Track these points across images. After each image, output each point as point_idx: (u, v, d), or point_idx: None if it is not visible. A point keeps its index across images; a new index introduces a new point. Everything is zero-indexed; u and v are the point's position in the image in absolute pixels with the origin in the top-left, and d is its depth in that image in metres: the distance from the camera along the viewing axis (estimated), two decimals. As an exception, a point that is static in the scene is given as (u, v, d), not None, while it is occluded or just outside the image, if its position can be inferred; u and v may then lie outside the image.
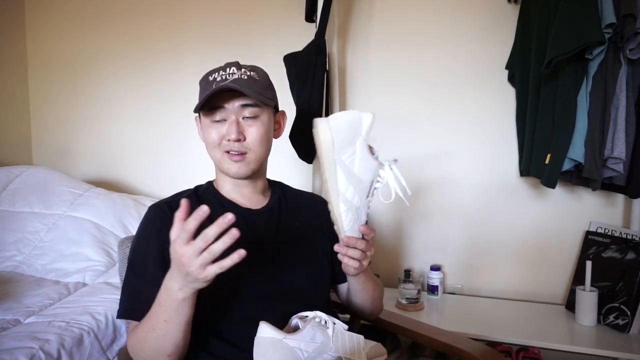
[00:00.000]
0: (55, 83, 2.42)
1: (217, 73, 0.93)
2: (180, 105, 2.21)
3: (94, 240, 1.79)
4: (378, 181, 0.86)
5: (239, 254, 0.65)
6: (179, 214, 0.69)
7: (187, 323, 0.78)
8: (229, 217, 0.64)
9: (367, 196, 0.85)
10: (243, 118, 0.92)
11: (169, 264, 0.83)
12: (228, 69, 0.93)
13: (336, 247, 0.86)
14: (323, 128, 0.81)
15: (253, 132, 0.93)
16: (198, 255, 0.66)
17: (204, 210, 0.65)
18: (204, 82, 0.95)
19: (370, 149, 0.85)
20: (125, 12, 2.26)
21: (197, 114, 0.99)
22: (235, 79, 0.90)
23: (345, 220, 0.83)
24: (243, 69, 0.93)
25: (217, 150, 0.94)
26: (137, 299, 0.85)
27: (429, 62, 1.84)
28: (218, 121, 0.92)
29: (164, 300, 0.76)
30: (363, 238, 0.86)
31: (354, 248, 0.85)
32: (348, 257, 0.85)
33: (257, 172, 0.98)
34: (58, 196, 1.97)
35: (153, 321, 0.78)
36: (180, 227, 0.68)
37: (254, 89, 0.90)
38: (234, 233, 0.64)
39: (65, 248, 1.75)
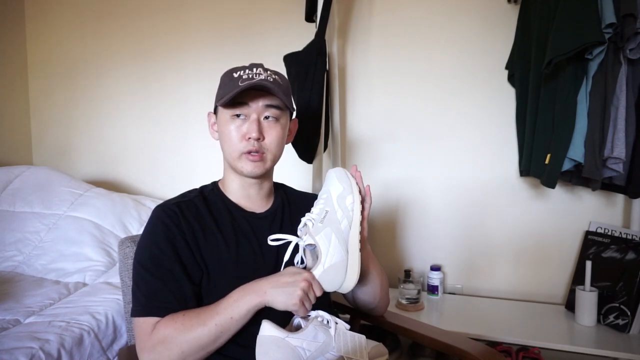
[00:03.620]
0: (55, 83, 2.42)
1: (242, 71, 0.94)
2: (180, 106, 2.21)
3: (94, 240, 1.79)
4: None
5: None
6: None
7: (237, 330, 0.84)
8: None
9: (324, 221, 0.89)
10: (264, 118, 0.94)
11: (184, 260, 0.89)
12: (255, 69, 0.94)
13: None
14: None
15: (272, 133, 0.95)
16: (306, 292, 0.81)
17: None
18: (227, 77, 0.95)
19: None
20: (126, 12, 2.26)
21: (210, 111, 1.01)
22: (262, 79, 0.91)
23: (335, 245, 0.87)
24: (268, 71, 0.95)
25: (235, 148, 0.94)
26: (156, 296, 0.86)
27: (429, 61, 1.84)
28: (238, 117, 0.93)
29: (242, 298, 0.82)
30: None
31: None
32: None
33: (267, 174, 1.00)
34: (58, 196, 1.97)
35: (219, 317, 0.82)
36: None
37: (280, 92, 0.92)
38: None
39: (65, 248, 1.75)
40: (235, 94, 0.89)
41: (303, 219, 0.90)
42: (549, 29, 1.42)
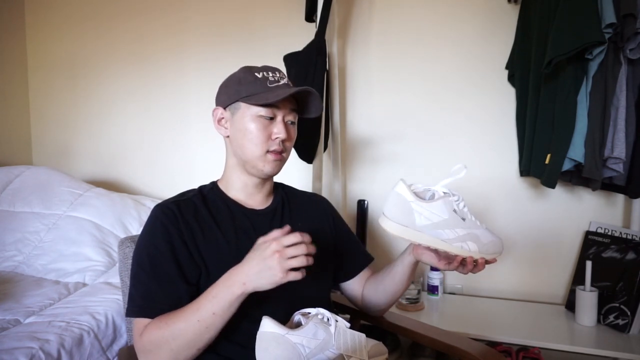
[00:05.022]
0: (55, 83, 2.42)
1: (265, 72, 0.95)
2: (180, 105, 2.21)
3: (94, 240, 1.79)
4: (456, 201, 0.97)
5: (302, 273, 0.78)
6: (284, 231, 0.80)
7: (225, 322, 0.82)
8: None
9: (464, 219, 0.95)
10: (286, 121, 0.96)
11: (181, 261, 0.88)
12: (277, 73, 0.96)
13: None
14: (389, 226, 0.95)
15: (292, 135, 0.98)
16: (282, 260, 0.75)
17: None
18: (250, 76, 0.95)
19: (429, 193, 0.94)
20: (126, 12, 2.26)
21: (215, 106, 1.01)
22: (285, 84, 0.95)
23: (470, 246, 0.91)
24: (286, 77, 0.98)
25: (259, 147, 0.94)
26: (152, 297, 0.86)
27: (429, 62, 1.84)
28: (263, 117, 0.93)
29: (220, 293, 0.80)
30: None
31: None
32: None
33: None
34: (58, 196, 1.96)
35: (200, 313, 0.80)
36: (285, 234, 0.79)
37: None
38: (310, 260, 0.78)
39: (65, 248, 1.75)
40: (287, 95, 0.91)
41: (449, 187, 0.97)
42: (549, 29, 1.42)
